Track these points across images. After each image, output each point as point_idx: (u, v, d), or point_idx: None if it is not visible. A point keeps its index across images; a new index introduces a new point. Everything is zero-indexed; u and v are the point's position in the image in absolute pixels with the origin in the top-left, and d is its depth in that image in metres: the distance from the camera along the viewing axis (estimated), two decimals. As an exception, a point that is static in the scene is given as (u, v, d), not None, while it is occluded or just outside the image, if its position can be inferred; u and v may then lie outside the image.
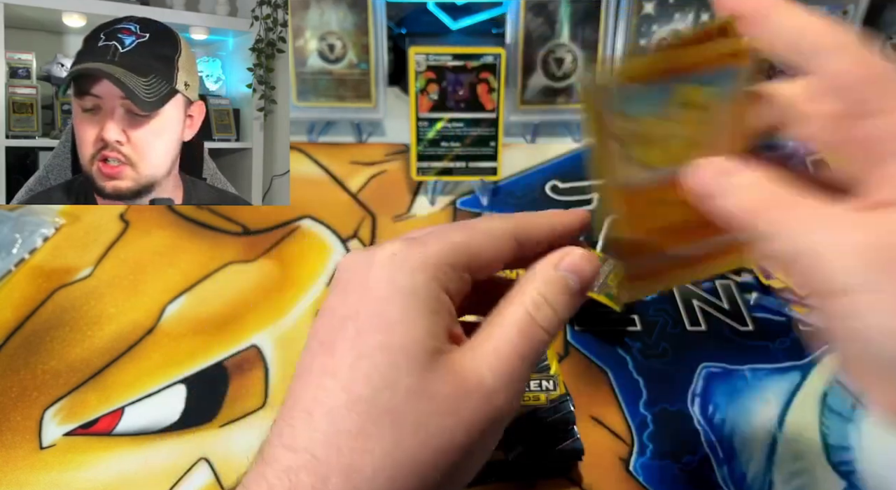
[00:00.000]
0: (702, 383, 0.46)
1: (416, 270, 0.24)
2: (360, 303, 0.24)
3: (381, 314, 0.23)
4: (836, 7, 0.67)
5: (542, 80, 0.69)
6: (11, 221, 0.57)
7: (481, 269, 0.26)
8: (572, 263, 0.26)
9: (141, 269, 0.54)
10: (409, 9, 0.72)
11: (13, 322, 0.50)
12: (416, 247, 0.25)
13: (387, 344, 0.23)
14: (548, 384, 0.40)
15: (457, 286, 0.25)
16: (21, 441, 0.42)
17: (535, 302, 0.25)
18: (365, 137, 0.70)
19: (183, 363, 0.47)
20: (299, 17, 0.67)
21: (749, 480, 0.41)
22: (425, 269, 0.24)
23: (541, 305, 0.25)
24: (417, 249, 0.24)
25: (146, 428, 0.43)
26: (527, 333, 0.24)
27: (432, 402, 0.22)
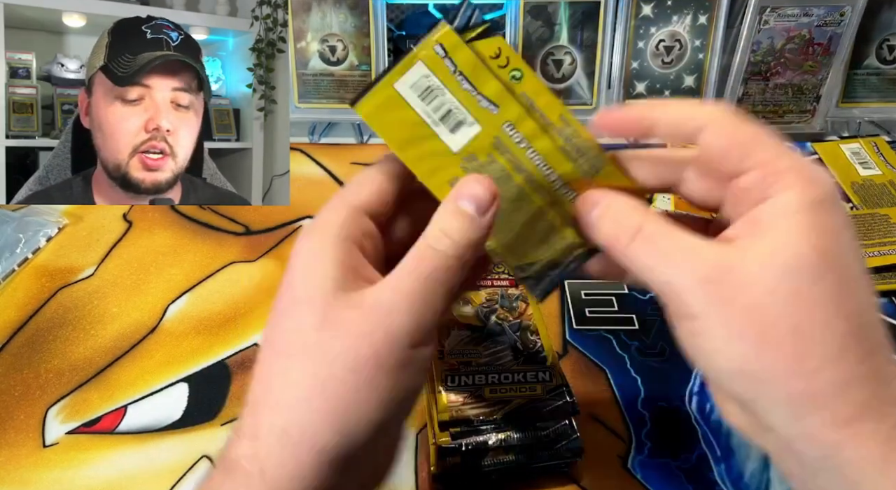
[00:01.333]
0: (699, 382, 0.47)
1: (313, 236, 0.27)
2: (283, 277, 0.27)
3: (288, 279, 0.27)
4: (832, 9, 0.67)
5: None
6: (15, 221, 0.57)
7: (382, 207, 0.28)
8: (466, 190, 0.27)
9: (143, 269, 0.54)
10: (410, 11, 0.72)
11: (17, 321, 0.50)
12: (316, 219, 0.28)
13: (292, 298, 0.26)
14: (544, 375, 0.40)
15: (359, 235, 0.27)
16: (24, 439, 0.43)
17: (433, 234, 0.27)
18: (366, 139, 0.71)
19: (185, 362, 0.47)
20: (301, 20, 0.68)
21: (746, 478, 0.42)
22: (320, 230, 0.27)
23: (438, 236, 0.27)
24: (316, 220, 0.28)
25: (148, 426, 0.44)
26: (421, 256, 0.26)
27: (336, 327, 0.25)
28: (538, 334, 0.43)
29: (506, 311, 0.44)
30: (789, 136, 0.73)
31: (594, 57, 0.69)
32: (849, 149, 0.69)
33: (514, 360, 0.41)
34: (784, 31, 0.68)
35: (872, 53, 0.72)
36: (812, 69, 0.70)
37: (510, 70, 0.28)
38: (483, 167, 0.28)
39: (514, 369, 0.41)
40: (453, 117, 0.28)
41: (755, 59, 0.69)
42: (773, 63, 0.69)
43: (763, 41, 0.68)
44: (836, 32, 0.68)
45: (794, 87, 0.71)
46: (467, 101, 0.28)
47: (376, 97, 0.28)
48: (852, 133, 0.74)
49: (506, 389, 0.40)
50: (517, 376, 0.40)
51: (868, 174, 0.66)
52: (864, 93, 0.74)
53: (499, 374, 0.40)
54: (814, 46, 0.69)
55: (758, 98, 0.71)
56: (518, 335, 0.43)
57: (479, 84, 0.28)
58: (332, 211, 0.28)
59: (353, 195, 0.28)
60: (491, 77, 0.28)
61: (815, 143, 0.70)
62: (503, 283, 0.46)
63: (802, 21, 0.67)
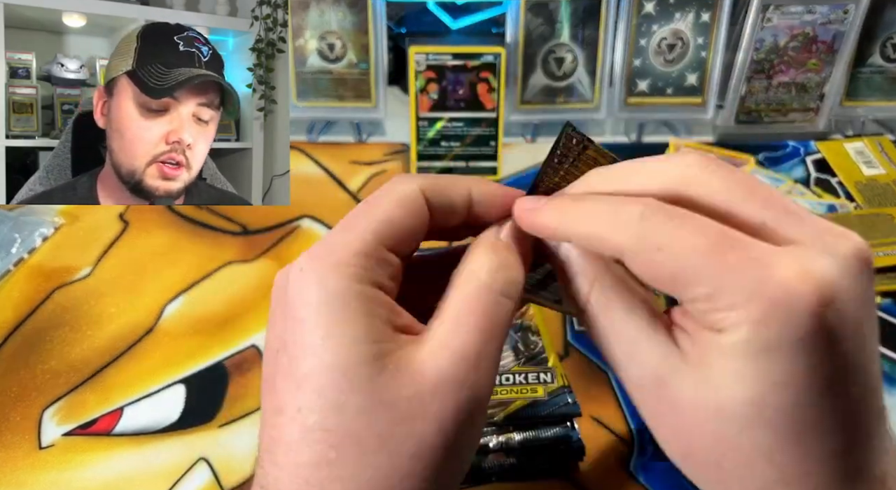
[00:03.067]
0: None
1: (327, 278, 0.21)
2: (286, 331, 0.22)
3: (303, 338, 0.21)
4: (836, 7, 0.67)
5: (542, 80, 0.69)
6: (11, 221, 0.57)
7: (403, 241, 0.23)
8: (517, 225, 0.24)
9: (140, 269, 0.54)
10: (409, 8, 0.72)
11: (12, 322, 0.49)
12: (323, 252, 0.22)
13: (319, 367, 0.21)
14: (546, 376, 0.40)
15: (384, 272, 0.22)
16: (20, 441, 0.42)
17: (486, 268, 0.23)
18: (365, 137, 0.70)
19: (182, 363, 0.47)
20: (299, 17, 0.67)
21: (749, 480, 0.41)
22: (337, 271, 0.21)
23: (493, 270, 0.23)
24: (324, 254, 0.22)
25: (145, 428, 0.43)
26: (482, 304, 0.22)
27: (391, 410, 0.21)
28: (540, 335, 0.42)
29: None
30: (792, 136, 0.73)
31: (596, 55, 0.69)
32: (853, 148, 0.68)
33: (516, 361, 0.41)
34: (787, 28, 0.67)
35: (876, 51, 0.72)
36: (815, 67, 0.69)
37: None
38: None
39: (516, 370, 0.40)
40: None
41: (758, 57, 0.68)
42: (777, 61, 0.69)
43: (766, 39, 0.68)
44: (840, 30, 0.68)
45: (797, 86, 0.70)
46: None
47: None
48: (856, 132, 0.73)
49: (507, 391, 0.39)
50: (518, 377, 0.40)
51: (872, 173, 0.65)
52: (868, 91, 0.73)
53: (500, 375, 0.40)
54: (817, 44, 0.68)
55: (761, 96, 0.70)
56: (519, 336, 0.42)
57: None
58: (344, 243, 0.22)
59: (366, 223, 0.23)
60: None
61: (819, 142, 0.70)
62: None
63: (806, 19, 0.67)
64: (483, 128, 0.62)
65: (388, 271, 0.23)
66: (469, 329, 0.22)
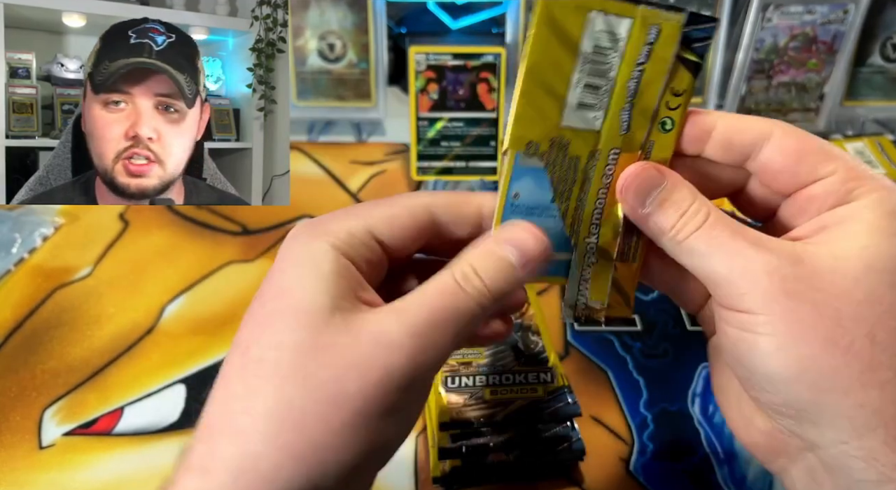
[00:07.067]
0: (702, 383, 0.46)
1: (312, 240, 0.24)
2: (266, 280, 0.24)
3: (277, 283, 0.23)
4: (836, 7, 0.67)
5: (542, 80, 0.69)
6: (10, 221, 0.57)
7: (393, 239, 0.25)
8: (514, 237, 0.24)
9: (140, 269, 0.54)
10: (409, 8, 0.72)
11: (12, 322, 0.49)
12: (317, 222, 0.25)
13: (279, 307, 0.23)
14: (545, 376, 0.40)
15: (361, 254, 0.24)
16: (20, 441, 0.42)
17: (463, 272, 0.23)
18: (365, 137, 0.70)
19: (183, 363, 0.47)
20: (299, 17, 0.67)
21: (749, 481, 0.41)
22: (320, 237, 0.24)
23: (469, 276, 0.23)
24: (317, 223, 0.25)
25: (146, 428, 0.43)
26: (448, 297, 0.23)
27: (324, 353, 0.21)
28: (539, 335, 0.42)
29: (506, 311, 0.44)
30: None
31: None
32: (853, 148, 0.68)
33: (516, 361, 0.41)
34: (787, 28, 0.67)
35: (876, 51, 0.72)
36: (815, 67, 0.69)
37: (669, 115, 0.25)
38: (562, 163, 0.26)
39: (516, 370, 0.40)
40: (593, 96, 0.25)
41: (758, 57, 0.68)
42: (777, 61, 0.69)
43: (766, 39, 0.68)
44: (840, 30, 0.68)
45: (797, 86, 0.70)
46: (617, 97, 0.25)
47: (566, 2, 0.24)
48: (856, 132, 0.73)
49: (507, 391, 0.39)
50: (518, 377, 0.40)
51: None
52: (868, 91, 0.73)
53: (500, 375, 0.40)
54: (817, 44, 0.68)
55: (761, 96, 0.70)
56: (519, 336, 0.42)
57: (640, 96, 0.25)
58: (339, 220, 0.24)
59: (367, 211, 0.25)
60: (654, 100, 0.25)
61: (819, 142, 0.70)
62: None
63: (806, 19, 0.67)
64: (483, 128, 0.62)
65: (368, 255, 0.24)
66: (425, 308, 0.23)
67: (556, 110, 0.25)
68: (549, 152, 0.26)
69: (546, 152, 0.26)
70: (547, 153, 0.26)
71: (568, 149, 0.26)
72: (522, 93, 0.25)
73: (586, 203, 0.26)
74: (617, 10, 0.24)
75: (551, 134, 0.25)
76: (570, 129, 0.25)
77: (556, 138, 0.25)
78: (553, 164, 0.26)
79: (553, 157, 0.26)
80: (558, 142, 0.25)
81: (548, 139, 0.25)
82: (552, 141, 0.25)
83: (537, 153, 0.25)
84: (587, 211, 0.26)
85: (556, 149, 0.26)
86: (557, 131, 0.25)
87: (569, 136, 0.25)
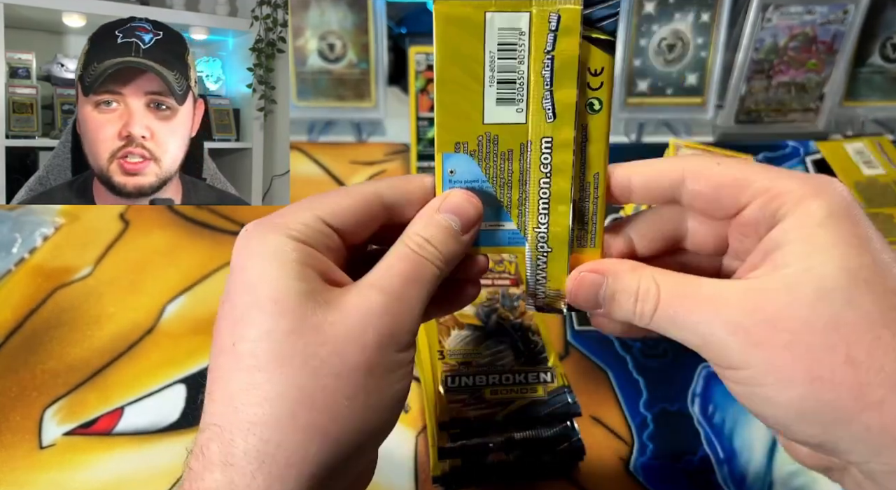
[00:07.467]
0: (702, 383, 0.46)
1: (267, 235, 0.24)
2: (229, 283, 0.24)
3: (243, 280, 0.24)
4: (836, 7, 0.67)
5: (542, 80, 0.69)
6: (11, 221, 0.57)
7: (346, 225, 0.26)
8: (453, 204, 0.26)
9: (140, 269, 0.54)
10: (409, 8, 0.72)
11: (12, 322, 0.49)
12: (266, 219, 0.25)
13: (253, 301, 0.23)
14: (545, 376, 0.40)
15: (320, 241, 0.25)
16: (20, 441, 0.42)
17: (416, 241, 0.25)
18: (365, 137, 0.70)
19: (183, 363, 0.47)
20: (299, 17, 0.67)
21: (749, 481, 0.41)
22: (275, 231, 0.24)
23: (422, 244, 0.25)
24: (267, 220, 0.25)
25: (146, 428, 0.43)
26: (411, 263, 0.25)
27: (316, 332, 0.22)
28: (539, 335, 0.42)
29: (507, 310, 0.44)
30: (792, 136, 0.73)
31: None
32: (852, 148, 0.68)
33: (516, 361, 0.41)
34: (787, 28, 0.67)
35: (876, 51, 0.72)
36: (815, 67, 0.69)
37: (594, 95, 0.26)
38: (494, 158, 0.27)
39: (515, 370, 0.40)
40: (510, 91, 0.26)
41: (758, 57, 0.68)
42: (776, 61, 0.69)
43: (766, 39, 0.68)
44: (840, 30, 0.68)
45: (797, 86, 0.70)
46: (535, 88, 0.26)
47: (463, 8, 0.25)
48: (856, 132, 0.73)
49: (507, 390, 0.39)
50: (518, 377, 0.40)
51: (872, 173, 0.65)
52: (868, 91, 0.73)
53: (499, 374, 0.40)
54: (817, 44, 0.68)
55: (761, 96, 0.70)
56: (519, 335, 0.42)
57: (558, 83, 0.25)
58: (290, 213, 0.25)
59: (316, 202, 0.26)
60: (573, 86, 0.25)
61: (819, 142, 0.70)
62: (504, 283, 0.46)
63: (806, 19, 0.67)
64: (483, 128, 0.62)
65: (326, 242, 0.25)
66: (394, 273, 0.24)
67: (477, 111, 0.26)
68: (478, 150, 0.27)
69: (476, 150, 0.27)
70: (477, 150, 0.27)
71: (498, 143, 0.27)
72: (438, 102, 0.26)
73: (530, 193, 0.27)
74: (512, 6, 0.25)
75: (477, 132, 0.27)
76: (495, 124, 0.26)
77: (483, 136, 0.27)
78: (486, 160, 0.27)
79: (485, 153, 0.27)
80: (486, 138, 0.27)
81: (475, 138, 0.27)
82: (479, 139, 0.27)
83: (467, 151, 0.27)
84: (532, 201, 0.27)
85: (485, 145, 0.27)
86: (483, 129, 0.26)
87: (496, 131, 0.26)
